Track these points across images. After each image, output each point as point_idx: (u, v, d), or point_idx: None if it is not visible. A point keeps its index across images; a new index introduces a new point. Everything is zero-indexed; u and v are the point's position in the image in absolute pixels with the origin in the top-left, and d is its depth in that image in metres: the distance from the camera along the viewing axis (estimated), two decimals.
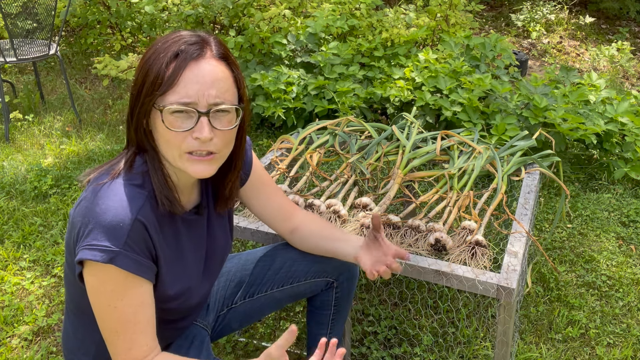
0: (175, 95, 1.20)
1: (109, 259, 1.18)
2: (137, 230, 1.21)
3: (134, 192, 1.23)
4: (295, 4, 4.61)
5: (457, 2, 4.55)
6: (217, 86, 1.22)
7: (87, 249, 1.18)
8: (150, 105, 1.22)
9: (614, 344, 2.30)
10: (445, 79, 3.70)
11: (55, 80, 4.99)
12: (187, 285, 1.37)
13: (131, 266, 1.20)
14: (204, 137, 1.20)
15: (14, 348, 2.22)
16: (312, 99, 3.86)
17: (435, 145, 2.27)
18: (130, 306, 1.23)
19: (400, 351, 2.20)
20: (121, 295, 1.22)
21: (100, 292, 1.22)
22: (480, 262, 1.73)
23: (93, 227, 1.19)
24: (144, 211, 1.23)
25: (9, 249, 2.77)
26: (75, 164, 3.57)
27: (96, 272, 1.20)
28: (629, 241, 2.94)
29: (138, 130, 1.26)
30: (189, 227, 1.37)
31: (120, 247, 1.18)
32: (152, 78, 1.21)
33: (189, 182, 1.35)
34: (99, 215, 1.19)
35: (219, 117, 1.23)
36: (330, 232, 1.63)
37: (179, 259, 1.35)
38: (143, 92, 1.22)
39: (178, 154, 1.23)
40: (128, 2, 4.93)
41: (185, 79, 1.20)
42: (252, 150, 1.56)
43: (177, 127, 1.20)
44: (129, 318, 1.24)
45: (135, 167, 1.27)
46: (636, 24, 6.96)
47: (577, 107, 3.56)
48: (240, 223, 1.90)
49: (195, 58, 1.21)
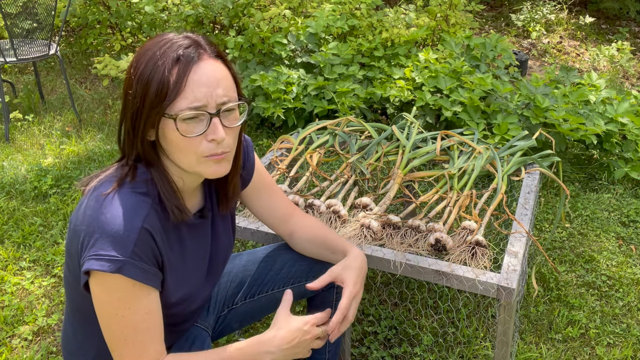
0: (185, 101, 1.18)
1: (116, 269, 1.17)
2: (143, 239, 1.20)
3: (138, 201, 1.22)
4: (295, 4, 4.61)
5: (457, 2, 4.54)
6: (222, 85, 1.22)
7: (94, 259, 1.17)
8: (159, 116, 1.20)
9: (614, 344, 2.30)
10: (446, 78, 3.70)
11: (55, 80, 4.99)
12: (189, 291, 1.37)
13: (139, 275, 1.19)
14: (220, 137, 1.21)
15: (14, 348, 2.22)
16: (311, 99, 3.86)
17: (435, 145, 2.27)
18: (138, 314, 1.22)
19: (400, 351, 2.20)
20: (128, 304, 1.21)
21: (107, 301, 1.21)
22: (481, 262, 1.73)
23: (99, 236, 1.17)
24: (150, 219, 1.22)
25: (9, 249, 2.77)
26: (75, 164, 3.57)
27: (103, 281, 1.19)
28: (629, 241, 2.94)
29: (143, 143, 1.24)
30: (193, 232, 1.37)
31: (127, 256, 1.17)
32: (155, 87, 1.18)
33: (193, 186, 1.35)
34: (105, 224, 1.18)
35: (226, 116, 1.23)
36: (321, 242, 1.61)
37: (182, 265, 1.34)
38: (147, 104, 1.19)
39: (195, 159, 1.23)
40: (128, 2, 4.93)
41: (192, 83, 1.19)
42: (254, 151, 1.56)
43: (190, 132, 1.20)
44: (137, 326, 1.23)
45: (138, 175, 1.26)
46: (636, 24, 6.96)
47: (577, 107, 3.56)
48: (240, 223, 1.91)
49: (196, 61, 1.20)
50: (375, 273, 2.55)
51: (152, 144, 1.25)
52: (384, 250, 1.79)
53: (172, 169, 1.29)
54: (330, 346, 1.81)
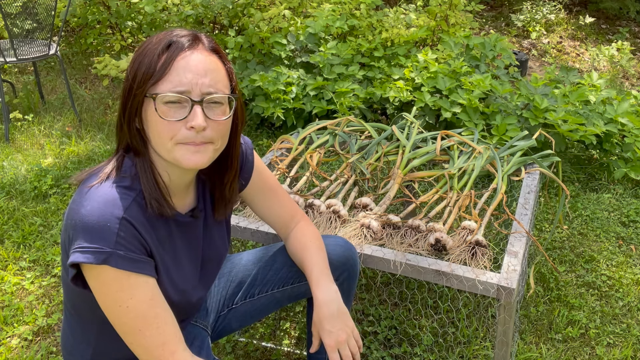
0: (168, 84, 1.19)
1: (102, 260, 1.16)
2: (125, 229, 1.19)
3: (120, 193, 1.21)
4: (295, 4, 4.61)
5: (457, 2, 4.54)
6: (210, 75, 1.21)
7: (78, 251, 1.17)
8: (142, 96, 1.20)
9: (614, 344, 2.30)
10: (445, 79, 3.70)
11: (55, 80, 4.99)
12: (182, 288, 1.36)
13: (128, 265, 1.19)
14: (198, 124, 1.19)
15: (14, 348, 2.22)
16: (311, 99, 3.86)
17: (435, 145, 2.27)
18: (143, 302, 1.21)
19: (400, 351, 2.20)
20: (129, 295, 1.20)
21: (106, 294, 1.21)
22: (481, 262, 1.73)
23: (81, 229, 1.17)
24: (131, 211, 1.20)
25: (9, 249, 2.77)
26: (75, 164, 3.57)
27: (95, 274, 1.19)
28: (629, 241, 2.94)
29: (130, 128, 1.24)
30: (183, 230, 1.36)
31: (112, 247, 1.17)
32: (143, 69, 1.20)
33: (183, 183, 1.33)
34: (85, 217, 1.17)
35: (212, 108, 1.22)
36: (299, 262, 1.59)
37: (174, 262, 1.33)
38: (135, 85, 1.21)
39: (171, 145, 1.21)
40: (128, 2, 4.93)
41: (178, 68, 1.19)
42: (254, 153, 1.55)
43: (170, 116, 1.19)
44: (147, 313, 1.21)
45: (123, 169, 1.25)
46: (636, 24, 6.96)
47: (577, 108, 3.56)
48: (240, 223, 1.90)
49: (187, 48, 1.20)
50: (375, 273, 2.55)
51: (139, 132, 1.25)
52: (384, 250, 1.79)
53: (157, 162, 1.28)
54: None
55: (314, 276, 1.51)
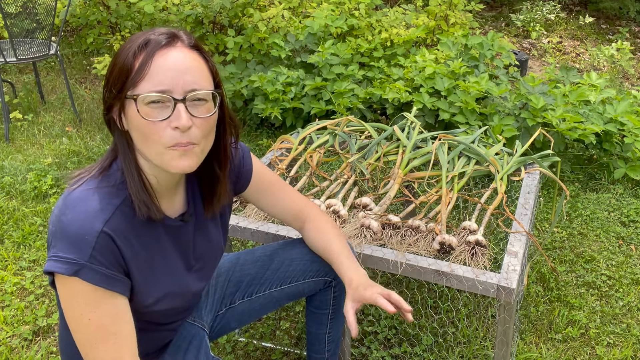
0: (149, 84, 1.14)
1: (73, 272, 1.14)
2: (103, 243, 1.16)
3: (103, 202, 1.18)
4: (295, 4, 4.61)
5: (457, 2, 4.55)
6: (192, 72, 1.17)
7: (53, 259, 1.16)
8: (122, 99, 1.16)
9: (614, 344, 2.30)
10: (444, 79, 3.70)
11: (55, 80, 4.99)
12: (169, 290, 1.33)
13: (98, 279, 1.16)
14: (182, 125, 1.15)
15: (14, 348, 2.22)
16: (309, 99, 3.85)
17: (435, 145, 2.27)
18: (106, 317, 1.19)
19: (400, 351, 2.20)
20: (94, 307, 1.18)
21: (72, 305, 1.18)
22: (480, 262, 1.73)
23: (60, 237, 1.15)
24: (113, 222, 1.18)
25: (9, 249, 2.77)
26: (75, 164, 3.57)
27: (64, 283, 1.17)
28: (629, 241, 2.94)
29: (114, 131, 1.22)
30: (172, 234, 1.33)
31: (85, 260, 1.14)
32: (119, 68, 1.16)
33: (171, 185, 1.30)
34: (66, 226, 1.15)
35: (196, 105, 1.18)
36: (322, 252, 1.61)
37: (158, 264, 1.30)
38: (112, 87, 1.17)
39: (160, 150, 1.17)
40: (128, 2, 4.93)
41: (157, 66, 1.15)
42: (251, 155, 1.53)
43: (154, 117, 1.15)
44: (107, 328, 1.19)
45: (111, 171, 1.23)
46: (636, 24, 6.96)
47: (577, 107, 3.56)
48: (240, 223, 1.90)
49: (165, 46, 1.16)
50: (375, 273, 2.55)
51: (124, 134, 1.22)
52: (384, 250, 1.79)
53: (145, 166, 1.24)
54: (330, 346, 1.82)
55: (342, 262, 1.54)
